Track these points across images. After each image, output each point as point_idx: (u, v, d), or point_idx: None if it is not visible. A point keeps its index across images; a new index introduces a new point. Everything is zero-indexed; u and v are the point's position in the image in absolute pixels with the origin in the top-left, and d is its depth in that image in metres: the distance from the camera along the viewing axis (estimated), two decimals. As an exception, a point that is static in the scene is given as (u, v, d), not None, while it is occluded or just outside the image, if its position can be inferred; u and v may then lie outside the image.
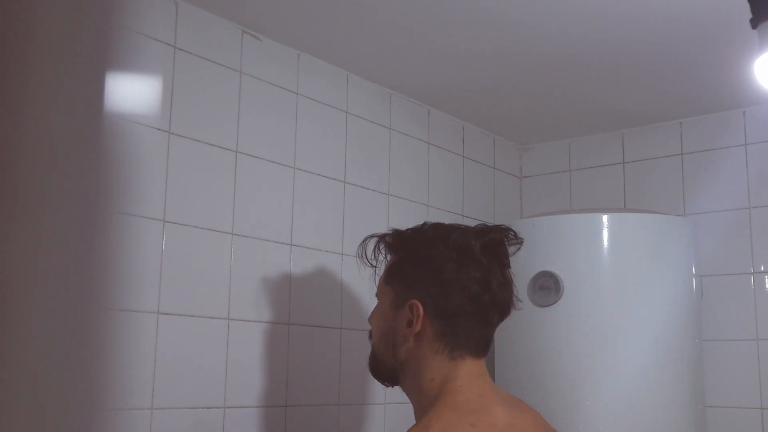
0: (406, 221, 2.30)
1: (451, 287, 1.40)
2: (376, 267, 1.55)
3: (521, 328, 2.18)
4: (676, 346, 2.12)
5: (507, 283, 1.45)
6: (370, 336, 1.52)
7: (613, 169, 2.64)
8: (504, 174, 2.75)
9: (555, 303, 2.10)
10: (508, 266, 1.47)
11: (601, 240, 2.11)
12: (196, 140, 1.76)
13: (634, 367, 2.06)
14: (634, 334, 2.07)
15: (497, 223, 2.62)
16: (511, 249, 1.48)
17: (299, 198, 1.98)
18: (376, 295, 1.52)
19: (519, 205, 2.81)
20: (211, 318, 1.75)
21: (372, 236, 1.54)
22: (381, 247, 1.52)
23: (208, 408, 1.72)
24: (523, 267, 2.20)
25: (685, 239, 2.22)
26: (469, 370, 1.43)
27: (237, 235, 1.82)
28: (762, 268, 2.34)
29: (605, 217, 2.12)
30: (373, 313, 1.53)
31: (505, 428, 1.36)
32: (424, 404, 1.40)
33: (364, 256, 1.56)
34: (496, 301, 1.43)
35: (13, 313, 0.34)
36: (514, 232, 1.47)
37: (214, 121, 1.81)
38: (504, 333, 2.27)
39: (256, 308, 1.85)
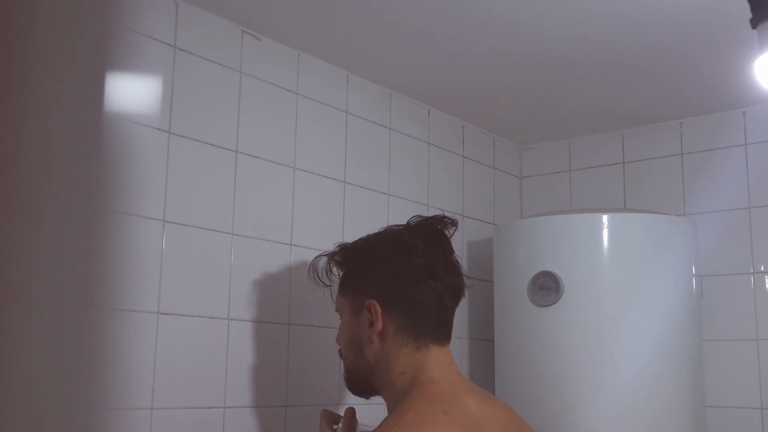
0: (407, 221, 2.30)
1: (399, 279, 1.45)
2: (330, 286, 1.59)
3: (521, 328, 2.18)
4: (676, 346, 2.12)
5: (453, 267, 1.50)
6: (341, 355, 1.55)
7: (613, 169, 2.64)
8: (504, 174, 2.75)
9: (555, 303, 2.10)
10: (452, 251, 1.52)
11: (601, 240, 2.11)
12: (196, 140, 1.76)
13: (634, 367, 2.06)
14: (634, 334, 2.07)
15: (496, 223, 2.62)
16: (450, 232, 1.55)
17: (299, 198, 1.98)
18: (336, 310, 1.55)
19: (519, 205, 2.81)
20: (211, 318, 1.75)
21: (320, 256, 1.60)
22: (332, 266, 1.57)
23: (208, 408, 1.72)
24: (523, 267, 2.20)
25: (685, 239, 2.22)
26: (437, 359, 1.45)
27: (237, 235, 1.82)
28: (762, 268, 2.34)
29: (605, 217, 2.12)
30: (338, 332, 1.56)
31: (477, 418, 1.39)
32: (398, 398, 1.42)
33: (315, 276, 1.61)
34: (446, 284, 1.47)
35: (13, 313, 0.34)
36: (448, 218, 1.55)
37: (214, 121, 1.81)
38: (504, 333, 2.27)
39: (256, 308, 1.85)
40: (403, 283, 1.45)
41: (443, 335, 1.48)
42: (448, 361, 1.47)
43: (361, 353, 1.48)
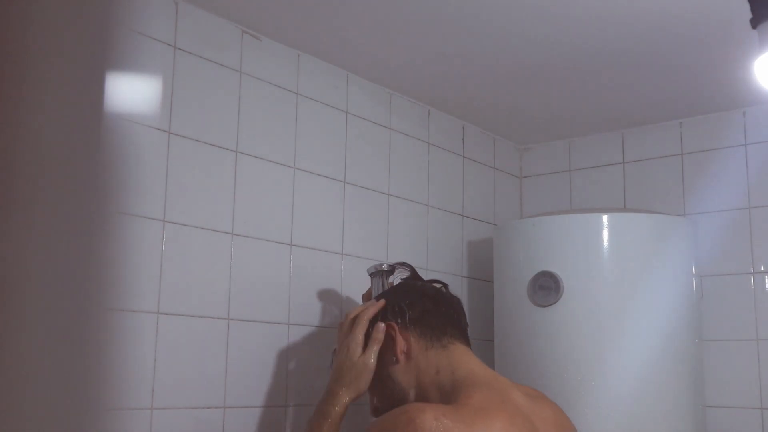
0: (406, 221, 2.30)
1: (399, 301, 1.60)
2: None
3: (521, 328, 2.18)
4: (676, 346, 2.12)
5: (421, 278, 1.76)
6: (375, 410, 1.62)
7: (613, 169, 2.64)
8: (504, 174, 2.75)
9: (555, 303, 2.10)
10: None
11: (601, 240, 2.11)
12: (196, 140, 1.76)
13: (633, 367, 2.06)
14: (634, 334, 2.07)
15: (496, 223, 2.62)
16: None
17: (299, 198, 1.98)
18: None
19: (519, 205, 2.81)
20: (211, 318, 1.75)
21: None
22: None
23: (208, 408, 1.72)
24: (523, 267, 2.20)
25: (685, 239, 2.22)
26: (467, 354, 1.55)
27: (237, 235, 1.82)
28: (762, 268, 2.34)
29: (605, 217, 2.12)
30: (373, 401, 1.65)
31: (528, 413, 1.44)
32: (444, 397, 1.45)
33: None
34: (431, 292, 1.65)
35: (13, 313, 0.34)
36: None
37: (214, 121, 1.81)
38: (504, 333, 2.27)
39: (256, 308, 1.84)
40: (404, 301, 1.60)
41: (462, 335, 1.59)
42: (475, 358, 1.55)
43: (392, 381, 1.55)
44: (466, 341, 1.60)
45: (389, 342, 1.55)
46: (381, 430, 1.33)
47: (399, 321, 1.56)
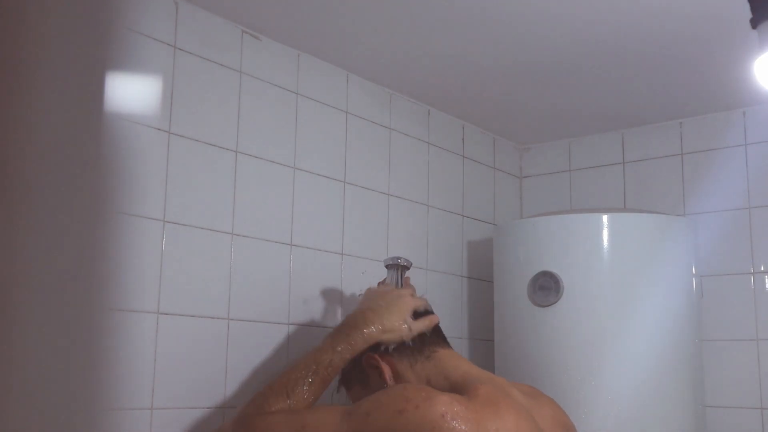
0: (406, 221, 2.30)
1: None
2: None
3: (521, 328, 2.18)
4: (676, 346, 2.12)
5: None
6: None
7: (613, 169, 2.64)
8: (504, 174, 2.75)
9: (555, 303, 2.10)
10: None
11: (601, 240, 2.11)
12: (196, 140, 1.76)
13: (633, 367, 2.06)
14: (634, 334, 2.07)
15: (496, 223, 2.62)
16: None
17: (299, 198, 1.98)
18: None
19: (519, 205, 2.81)
20: (211, 318, 1.75)
21: None
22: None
23: (208, 408, 1.72)
24: (523, 267, 2.20)
25: (685, 239, 2.22)
26: (454, 357, 1.56)
27: (237, 235, 1.82)
28: (762, 268, 2.34)
29: (605, 217, 2.12)
30: None
31: (527, 409, 1.43)
32: None
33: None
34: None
35: (14, 313, 0.34)
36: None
37: (214, 121, 1.81)
38: (504, 333, 2.27)
39: (256, 308, 1.84)
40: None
41: (440, 338, 1.59)
42: (465, 359, 1.57)
43: None
44: (446, 342, 1.60)
45: (376, 373, 1.55)
46: (399, 395, 1.34)
47: (375, 349, 1.57)
